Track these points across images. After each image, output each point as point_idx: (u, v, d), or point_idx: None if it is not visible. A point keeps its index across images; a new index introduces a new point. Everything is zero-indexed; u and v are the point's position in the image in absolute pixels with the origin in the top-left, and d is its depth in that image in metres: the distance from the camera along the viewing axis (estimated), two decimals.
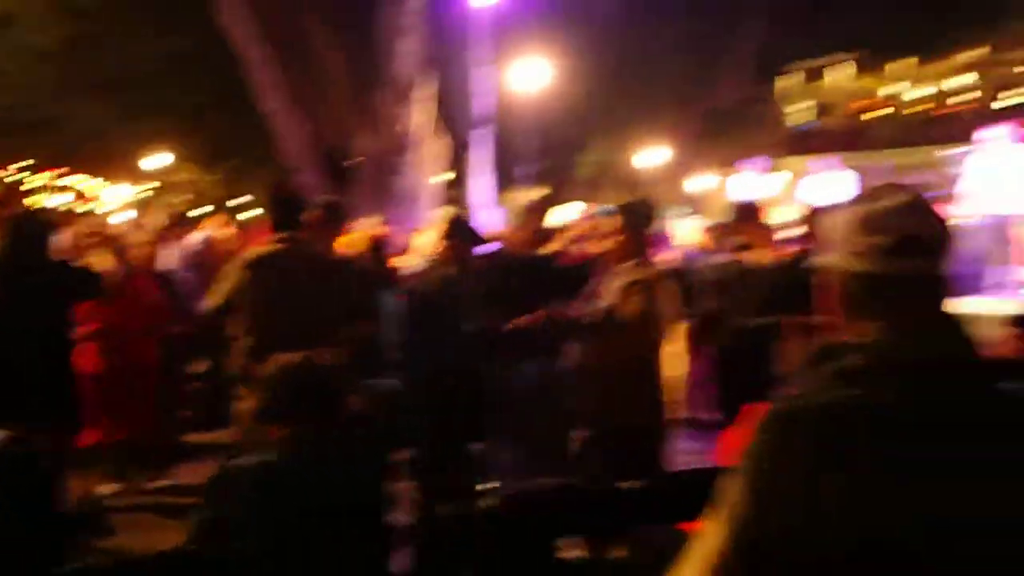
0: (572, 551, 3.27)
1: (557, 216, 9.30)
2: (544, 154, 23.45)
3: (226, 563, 2.58)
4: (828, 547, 1.42)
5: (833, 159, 12.92)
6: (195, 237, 9.53)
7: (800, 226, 5.85)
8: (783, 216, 7.31)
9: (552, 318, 4.67)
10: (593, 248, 7.13)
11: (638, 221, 4.58)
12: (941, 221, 1.61)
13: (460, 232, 5.48)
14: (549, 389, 6.30)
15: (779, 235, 6.11)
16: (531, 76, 19.48)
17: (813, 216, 5.80)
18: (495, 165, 15.70)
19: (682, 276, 6.02)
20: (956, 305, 1.61)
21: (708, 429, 5.59)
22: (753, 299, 5.23)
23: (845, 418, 1.46)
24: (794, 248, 5.66)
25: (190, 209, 23.11)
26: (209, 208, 17.76)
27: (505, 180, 18.17)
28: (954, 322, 1.59)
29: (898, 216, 1.56)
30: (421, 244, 8.43)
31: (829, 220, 1.66)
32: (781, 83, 34.49)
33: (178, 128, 24.69)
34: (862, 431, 1.45)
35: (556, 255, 6.52)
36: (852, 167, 13.53)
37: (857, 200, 1.64)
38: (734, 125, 27.03)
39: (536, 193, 8.00)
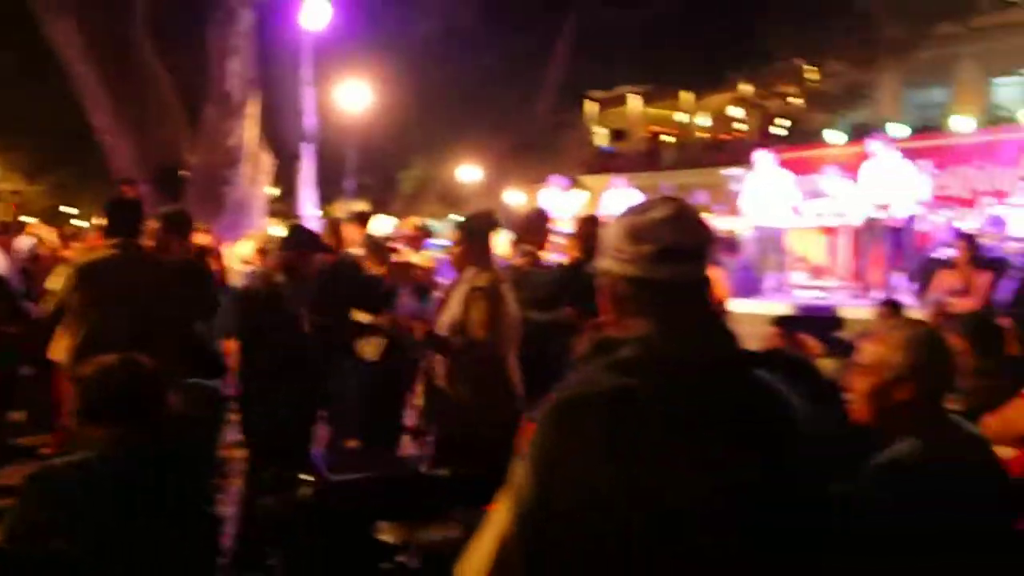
0: (387, 534, 3.26)
1: (376, 228, 9.29)
2: (368, 170, 23.32)
3: (45, 562, 2.46)
4: (605, 530, 1.44)
5: (627, 178, 13.41)
6: (22, 242, 9.08)
7: (580, 234, 6.10)
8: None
9: (431, 333, 4.58)
10: (417, 259, 7.21)
11: (477, 232, 4.60)
12: (704, 230, 1.65)
13: (297, 241, 5.38)
14: (384, 388, 6.31)
15: (562, 242, 6.38)
16: (355, 96, 19.40)
17: (588, 225, 6.07)
18: (319, 180, 15.51)
19: None
20: (733, 305, 1.68)
21: None
22: (539, 300, 5.36)
23: (618, 407, 1.48)
24: (577, 253, 5.89)
25: (15, 218, 21.71)
26: (34, 219, 16.67)
27: (332, 194, 17.96)
28: (715, 320, 1.64)
29: (663, 226, 1.60)
30: (242, 252, 8.26)
31: (605, 229, 1.70)
32: (586, 108, 35.53)
33: (1, 139, 23.19)
34: (632, 420, 1.47)
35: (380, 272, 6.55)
36: (646, 185, 14.10)
37: (628, 212, 1.68)
38: (543, 145, 27.68)
39: (355, 206, 7.98)
